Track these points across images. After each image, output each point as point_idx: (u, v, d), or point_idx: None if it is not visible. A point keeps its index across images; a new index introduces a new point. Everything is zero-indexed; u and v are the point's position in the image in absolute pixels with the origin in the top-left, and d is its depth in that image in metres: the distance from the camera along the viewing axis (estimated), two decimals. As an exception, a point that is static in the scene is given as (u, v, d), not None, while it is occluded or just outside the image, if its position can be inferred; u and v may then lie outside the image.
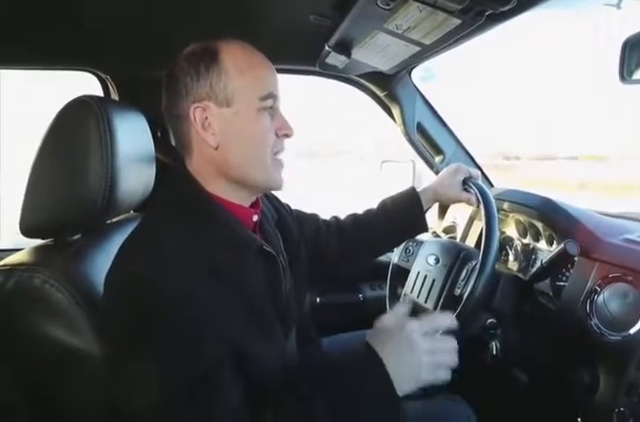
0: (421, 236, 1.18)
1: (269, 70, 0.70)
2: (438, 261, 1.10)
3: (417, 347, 0.61)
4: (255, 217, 0.74)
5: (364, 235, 1.02)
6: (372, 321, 0.68)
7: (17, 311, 0.70)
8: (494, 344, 1.02)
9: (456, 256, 1.07)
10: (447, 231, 1.53)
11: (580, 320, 0.87)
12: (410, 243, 1.24)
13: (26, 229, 0.78)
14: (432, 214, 1.58)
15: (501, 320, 0.99)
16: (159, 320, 0.57)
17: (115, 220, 0.93)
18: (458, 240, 1.40)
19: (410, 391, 0.61)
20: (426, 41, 0.91)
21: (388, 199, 1.05)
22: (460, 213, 1.46)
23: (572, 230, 0.97)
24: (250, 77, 0.67)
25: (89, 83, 1.33)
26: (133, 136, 0.85)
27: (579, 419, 0.88)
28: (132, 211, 1.02)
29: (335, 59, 1.14)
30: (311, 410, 0.58)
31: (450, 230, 1.52)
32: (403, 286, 1.18)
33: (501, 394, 1.15)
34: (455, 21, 0.78)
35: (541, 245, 1.08)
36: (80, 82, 1.36)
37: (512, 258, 1.18)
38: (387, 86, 1.43)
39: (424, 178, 1.49)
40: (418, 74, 1.43)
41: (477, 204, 0.97)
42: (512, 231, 1.20)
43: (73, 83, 1.39)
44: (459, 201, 1.05)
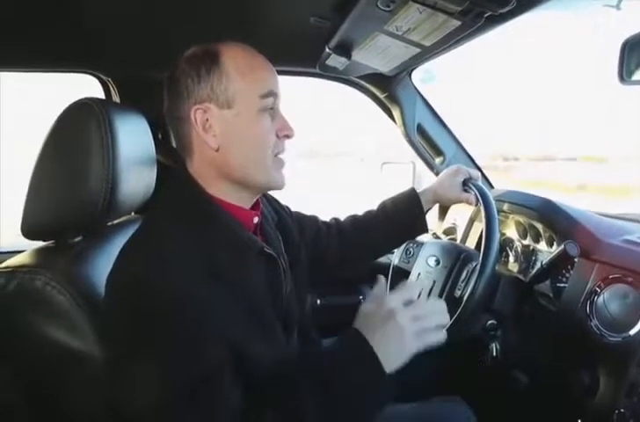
0: (421, 238, 1.18)
1: (270, 72, 0.71)
2: (438, 263, 1.10)
3: (398, 318, 0.61)
4: (256, 219, 0.74)
5: (364, 236, 1.02)
6: None
7: (18, 313, 0.71)
8: (494, 345, 1.02)
9: (456, 257, 1.07)
10: (448, 233, 1.53)
11: (580, 321, 0.87)
12: (411, 245, 1.24)
13: (28, 230, 0.78)
14: (432, 216, 1.58)
15: (501, 321, 0.99)
16: (160, 321, 0.57)
17: (116, 222, 0.93)
18: (458, 241, 1.40)
19: (403, 363, 0.61)
20: (426, 43, 0.91)
21: (388, 200, 1.05)
22: (460, 214, 1.46)
23: (572, 231, 0.97)
24: (251, 79, 0.68)
25: (90, 86, 1.33)
26: (134, 138, 0.85)
27: (580, 421, 0.88)
28: (133, 213, 1.02)
29: (335, 61, 1.14)
30: (307, 406, 0.58)
31: (450, 232, 1.52)
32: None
33: (501, 395, 1.15)
34: (455, 23, 0.78)
35: (542, 246, 1.08)
36: (82, 84, 1.36)
37: (512, 259, 1.18)
38: (387, 88, 1.43)
39: (424, 180, 1.49)
40: (418, 75, 1.43)
41: (477, 203, 0.97)
42: (512, 232, 1.20)
43: (74, 84, 1.39)
44: (459, 202, 1.05)
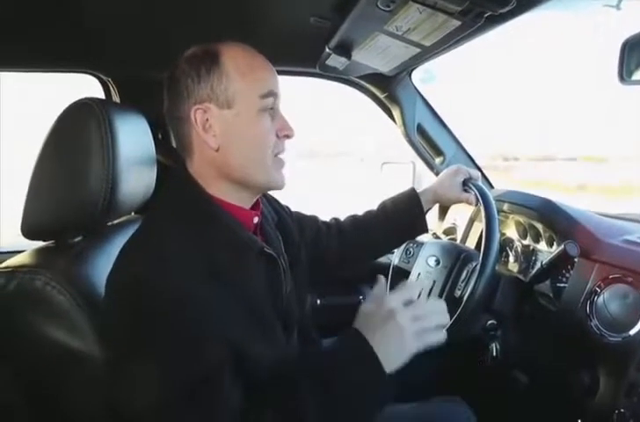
0: (421, 238, 1.18)
1: (270, 72, 0.71)
2: (438, 263, 1.10)
3: (398, 318, 0.61)
4: (256, 219, 0.74)
5: (364, 236, 1.02)
6: None
7: (18, 313, 0.71)
8: (494, 345, 1.02)
9: (456, 257, 1.07)
10: (448, 233, 1.53)
11: (580, 321, 0.87)
12: (411, 245, 1.24)
13: (28, 230, 0.78)
14: (432, 216, 1.58)
15: (501, 321, 0.99)
16: (160, 321, 0.57)
17: (116, 222, 0.93)
18: (458, 241, 1.40)
19: (403, 364, 0.61)
20: (426, 43, 0.91)
21: (388, 200, 1.05)
22: (460, 214, 1.46)
23: (572, 231, 0.97)
24: (251, 79, 0.68)
25: (90, 86, 1.33)
26: (134, 138, 0.85)
27: (580, 421, 0.88)
28: (133, 213, 1.02)
29: (335, 61, 1.14)
30: (307, 405, 0.58)
31: (450, 232, 1.52)
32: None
33: (501, 395, 1.15)
34: (455, 23, 0.78)
35: (542, 246, 1.08)
36: (82, 84, 1.36)
37: (512, 259, 1.18)
38: (387, 88, 1.43)
39: (424, 180, 1.49)
40: (418, 75, 1.43)
41: (477, 203, 0.97)
42: (512, 232, 1.20)
43: (74, 84, 1.39)
44: (459, 202, 1.05)
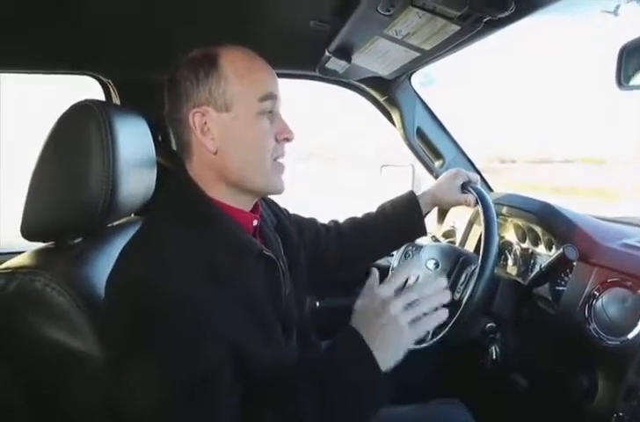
0: (420, 241, 1.18)
1: (269, 74, 0.71)
2: (437, 265, 1.10)
3: (391, 309, 0.60)
4: (255, 222, 0.74)
5: (363, 238, 1.03)
6: None
7: (18, 314, 0.71)
8: (494, 348, 1.02)
9: (455, 260, 1.07)
10: (447, 236, 1.53)
11: (579, 325, 0.87)
12: (410, 248, 1.24)
13: (28, 232, 0.78)
14: (431, 219, 1.59)
15: (500, 324, 0.99)
16: (160, 322, 0.57)
17: (116, 223, 0.93)
18: (457, 244, 1.40)
19: (403, 356, 0.60)
20: (426, 47, 0.92)
21: (387, 203, 1.05)
22: (459, 217, 1.46)
23: (571, 235, 0.97)
24: (249, 82, 0.67)
25: (90, 87, 1.34)
26: (134, 140, 0.86)
27: (578, 424, 0.88)
28: (133, 215, 1.02)
29: (335, 64, 1.15)
30: (306, 405, 0.58)
31: (449, 235, 1.52)
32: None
33: (500, 398, 1.15)
34: (454, 27, 0.79)
35: (540, 250, 1.08)
36: (82, 86, 1.36)
37: (511, 262, 1.18)
38: (387, 91, 1.44)
39: (423, 183, 1.49)
40: (417, 79, 1.44)
41: (475, 204, 0.97)
42: (511, 236, 1.20)
43: (75, 86, 1.39)
44: (458, 205, 1.05)
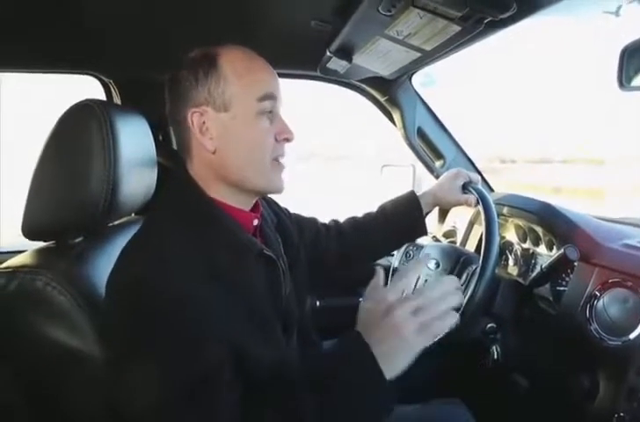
0: (421, 241, 1.18)
1: (269, 74, 0.70)
2: (438, 265, 1.10)
3: (397, 315, 0.57)
4: (255, 221, 0.74)
5: (363, 238, 1.03)
6: None
7: (19, 313, 0.71)
8: (494, 348, 1.02)
9: (456, 260, 1.07)
10: (447, 236, 1.53)
11: (580, 325, 0.87)
12: (411, 248, 1.24)
13: (28, 231, 0.78)
14: (432, 219, 1.59)
15: (501, 324, 0.99)
16: (160, 322, 0.57)
17: (117, 223, 0.94)
18: (458, 244, 1.40)
19: (410, 362, 0.56)
20: (427, 47, 0.92)
21: (387, 202, 1.05)
22: (460, 217, 1.46)
23: (572, 235, 0.97)
24: (249, 81, 0.67)
25: (91, 87, 1.34)
26: (135, 140, 0.86)
27: (579, 424, 0.88)
28: (133, 214, 1.02)
29: (336, 64, 1.15)
30: (306, 406, 0.57)
31: (450, 235, 1.52)
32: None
33: (501, 398, 1.15)
34: (455, 28, 0.79)
35: (541, 250, 1.08)
36: (83, 85, 1.37)
37: (511, 262, 1.18)
38: (388, 91, 1.44)
39: (424, 183, 1.49)
40: (418, 79, 1.44)
41: (476, 204, 0.97)
42: (511, 236, 1.20)
43: (76, 86, 1.40)
44: (459, 205, 1.05)
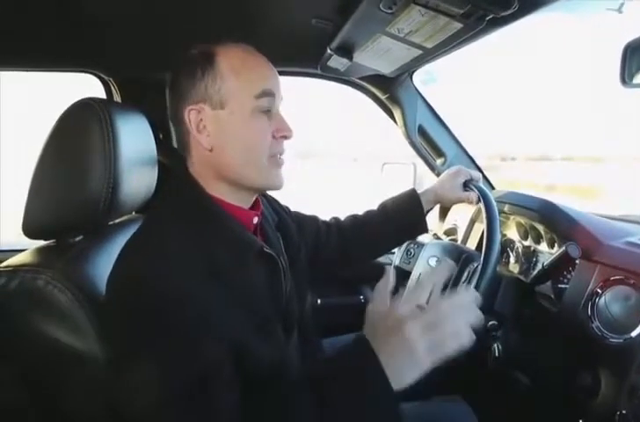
0: (422, 238, 1.18)
1: (267, 71, 0.70)
2: (439, 263, 1.10)
3: (407, 331, 0.54)
4: (255, 219, 0.74)
5: (364, 236, 1.03)
6: None
7: (19, 312, 0.71)
8: (496, 346, 1.02)
9: (457, 258, 1.07)
10: (448, 233, 1.53)
11: (582, 323, 0.87)
12: (412, 246, 1.24)
13: (29, 230, 0.78)
14: (433, 217, 1.58)
15: (502, 322, 0.98)
16: (160, 321, 0.57)
17: (117, 221, 0.94)
18: (459, 242, 1.40)
19: (416, 379, 0.53)
20: (428, 45, 0.92)
21: (388, 200, 1.05)
22: (461, 215, 1.46)
23: (573, 233, 0.97)
24: (246, 78, 0.67)
25: (91, 85, 1.34)
26: (135, 138, 0.86)
27: (581, 422, 0.88)
28: (134, 212, 1.02)
29: (337, 62, 1.15)
30: (307, 407, 0.56)
31: (451, 232, 1.52)
32: (404, 288, 1.18)
33: (502, 396, 1.15)
34: (457, 25, 0.78)
35: (543, 248, 1.08)
36: (84, 84, 1.36)
37: (513, 260, 1.18)
38: (388, 89, 1.44)
39: (425, 181, 1.49)
40: (419, 77, 1.44)
41: (477, 202, 0.97)
42: (513, 234, 1.20)
43: (76, 84, 1.39)
44: (460, 203, 1.05)
